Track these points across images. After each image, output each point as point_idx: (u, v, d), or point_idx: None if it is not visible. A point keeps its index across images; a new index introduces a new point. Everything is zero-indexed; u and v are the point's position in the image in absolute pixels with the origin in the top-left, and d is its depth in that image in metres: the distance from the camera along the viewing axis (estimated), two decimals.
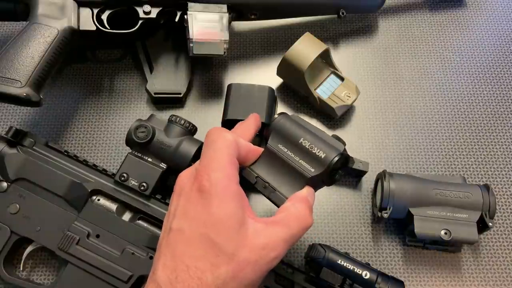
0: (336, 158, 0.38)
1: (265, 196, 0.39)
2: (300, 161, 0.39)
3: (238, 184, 0.36)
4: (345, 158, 0.40)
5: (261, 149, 0.41)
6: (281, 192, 0.39)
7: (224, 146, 0.37)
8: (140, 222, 0.49)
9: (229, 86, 0.55)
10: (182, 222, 0.35)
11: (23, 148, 0.51)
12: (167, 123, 0.51)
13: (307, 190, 0.38)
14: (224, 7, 0.56)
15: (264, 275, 0.35)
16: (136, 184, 0.49)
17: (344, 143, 0.40)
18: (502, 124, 0.61)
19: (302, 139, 0.39)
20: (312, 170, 0.38)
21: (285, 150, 0.40)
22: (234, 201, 0.35)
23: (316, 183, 0.39)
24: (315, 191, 0.40)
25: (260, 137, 0.53)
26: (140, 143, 0.49)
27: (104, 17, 0.56)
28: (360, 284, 0.45)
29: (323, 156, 0.38)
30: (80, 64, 0.63)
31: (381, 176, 0.52)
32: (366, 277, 0.45)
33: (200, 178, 0.35)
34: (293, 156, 0.39)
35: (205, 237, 0.33)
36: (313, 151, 0.39)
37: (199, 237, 0.34)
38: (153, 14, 0.56)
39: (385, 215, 0.49)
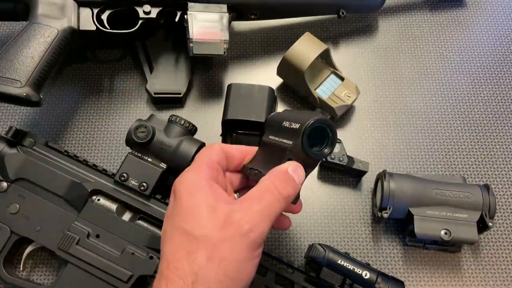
0: (310, 122, 0.36)
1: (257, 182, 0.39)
2: (282, 140, 0.39)
3: (211, 180, 0.37)
4: (325, 123, 0.37)
5: (256, 148, 0.42)
6: (265, 172, 0.38)
7: (205, 152, 0.40)
8: (140, 222, 0.49)
9: (229, 86, 0.55)
10: (164, 224, 0.37)
11: (23, 148, 0.51)
12: (167, 123, 0.51)
13: (288, 164, 0.37)
14: (224, 7, 0.56)
15: (248, 257, 0.34)
16: (136, 184, 0.49)
17: (326, 115, 0.38)
18: (502, 124, 0.61)
19: (284, 121, 0.39)
20: (290, 142, 0.37)
21: (273, 137, 0.40)
22: (201, 191, 0.36)
23: (300, 156, 0.37)
24: (311, 167, 0.38)
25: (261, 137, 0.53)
26: (140, 143, 0.49)
27: (104, 17, 0.56)
28: (360, 284, 0.45)
29: (297, 126, 0.37)
30: (80, 64, 0.63)
31: (381, 176, 0.52)
32: (366, 277, 0.45)
33: (175, 182, 0.38)
34: (278, 139, 0.39)
35: (178, 229, 0.35)
36: (291, 126, 0.38)
37: (175, 231, 0.35)
38: (153, 14, 0.56)
39: (385, 215, 0.49)
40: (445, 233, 0.48)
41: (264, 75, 0.63)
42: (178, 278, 0.33)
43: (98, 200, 0.49)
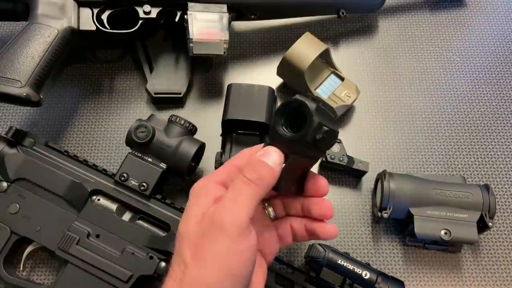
0: (285, 102, 0.35)
1: None
2: None
3: (218, 184, 0.37)
4: (295, 102, 0.34)
5: None
6: None
7: (232, 157, 0.40)
8: (140, 222, 0.49)
9: (229, 86, 0.55)
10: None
11: (23, 148, 0.51)
12: (167, 123, 0.51)
13: (259, 147, 0.37)
14: (224, 7, 0.56)
15: (232, 250, 0.32)
16: (136, 184, 0.49)
17: (318, 101, 0.35)
18: (502, 124, 0.61)
19: None
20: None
21: None
22: (204, 193, 0.36)
23: (274, 138, 0.35)
24: (296, 153, 0.36)
25: (261, 137, 0.54)
26: (140, 143, 0.49)
27: (104, 17, 0.56)
28: (360, 284, 0.45)
29: None
30: (80, 64, 0.63)
31: (381, 176, 0.52)
32: (366, 277, 0.45)
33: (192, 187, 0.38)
34: None
35: (179, 233, 0.35)
36: None
37: (177, 235, 0.36)
38: (153, 14, 0.56)
39: (385, 215, 0.49)
40: (445, 233, 0.48)
41: (264, 75, 0.63)
42: (171, 279, 0.33)
43: (98, 200, 0.49)
